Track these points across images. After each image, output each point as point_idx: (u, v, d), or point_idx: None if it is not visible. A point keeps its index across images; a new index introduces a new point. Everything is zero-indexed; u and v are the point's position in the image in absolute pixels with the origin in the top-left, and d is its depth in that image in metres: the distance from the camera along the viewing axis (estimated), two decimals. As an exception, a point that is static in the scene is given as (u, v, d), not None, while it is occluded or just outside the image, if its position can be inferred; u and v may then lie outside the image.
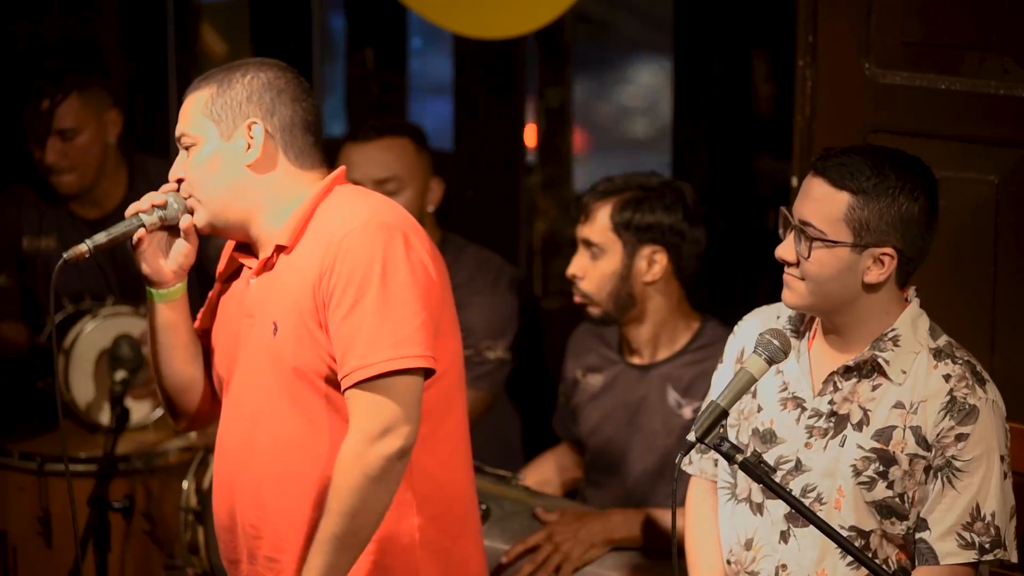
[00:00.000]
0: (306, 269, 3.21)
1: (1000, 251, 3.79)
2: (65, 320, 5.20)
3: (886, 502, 3.25)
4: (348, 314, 3.14)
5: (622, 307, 4.25)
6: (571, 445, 4.57)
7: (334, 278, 3.15)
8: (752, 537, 3.38)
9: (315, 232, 3.24)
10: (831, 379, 3.31)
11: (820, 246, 3.22)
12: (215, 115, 3.26)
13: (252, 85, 3.28)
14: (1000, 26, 3.75)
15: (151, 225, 3.27)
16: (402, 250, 3.16)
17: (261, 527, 3.28)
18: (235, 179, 3.27)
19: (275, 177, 3.29)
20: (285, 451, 3.24)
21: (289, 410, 3.24)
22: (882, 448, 3.24)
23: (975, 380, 3.25)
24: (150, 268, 3.30)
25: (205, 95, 3.28)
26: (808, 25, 3.99)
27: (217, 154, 3.26)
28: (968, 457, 3.21)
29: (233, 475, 3.32)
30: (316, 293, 3.18)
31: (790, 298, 3.30)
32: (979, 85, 3.78)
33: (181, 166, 3.30)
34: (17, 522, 5.08)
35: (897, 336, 3.28)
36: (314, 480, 3.22)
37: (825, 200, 3.22)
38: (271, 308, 3.26)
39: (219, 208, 3.27)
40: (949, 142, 3.81)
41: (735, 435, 3.42)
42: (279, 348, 3.23)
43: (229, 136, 3.26)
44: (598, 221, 4.23)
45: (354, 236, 3.16)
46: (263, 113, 3.27)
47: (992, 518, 3.21)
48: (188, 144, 3.28)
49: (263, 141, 3.26)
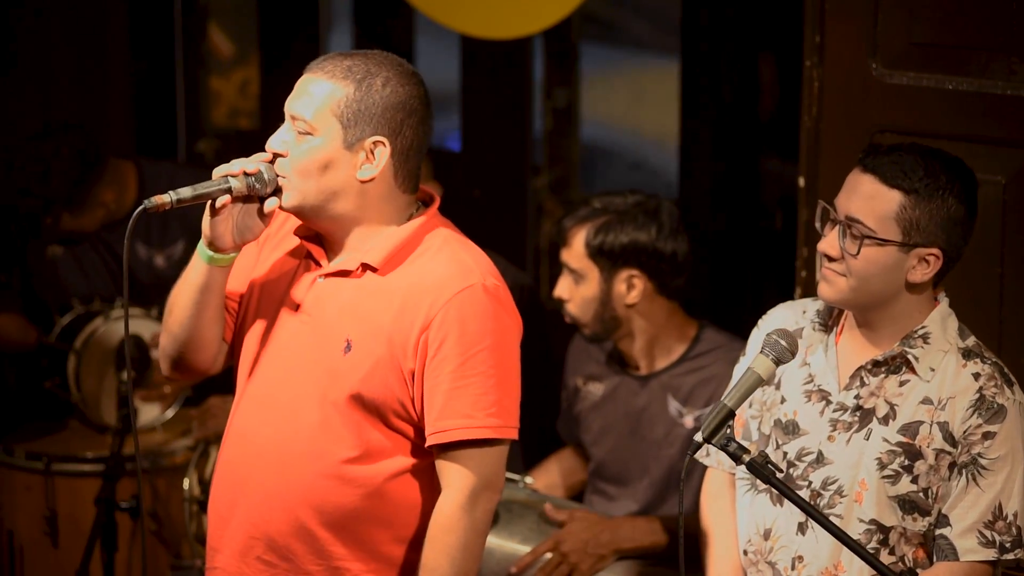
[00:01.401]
0: (405, 307, 3.18)
1: (1007, 251, 3.79)
2: (76, 321, 5.21)
3: (909, 496, 3.25)
4: (455, 373, 3.16)
5: (609, 328, 4.25)
6: (576, 449, 4.56)
7: (443, 332, 3.16)
8: (771, 527, 3.38)
9: (417, 268, 3.21)
10: (858, 374, 3.31)
11: (869, 244, 3.22)
12: (345, 119, 3.17)
13: (389, 100, 3.18)
14: (1007, 26, 3.75)
15: (237, 192, 3.15)
16: (510, 321, 3.23)
17: (266, 529, 3.25)
18: (341, 185, 3.19)
19: (378, 194, 3.22)
20: (319, 466, 3.21)
21: (336, 428, 3.21)
22: (908, 442, 3.25)
23: (1004, 381, 3.27)
24: (215, 231, 3.18)
25: (340, 93, 3.17)
26: (815, 25, 3.98)
27: (332, 156, 3.17)
28: (994, 456, 3.22)
29: (249, 468, 3.27)
30: (420, 339, 3.17)
31: (829, 293, 3.29)
32: (986, 85, 3.78)
33: (283, 143, 3.19)
34: (24, 522, 5.09)
35: (927, 334, 3.29)
36: (339, 497, 3.21)
37: (876, 198, 3.21)
38: (346, 324, 3.21)
39: (313, 202, 3.19)
40: (956, 142, 3.79)
41: (757, 426, 3.42)
42: (346, 368, 3.20)
43: (351, 145, 3.18)
44: (575, 247, 4.23)
45: (470, 297, 3.17)
46: (390, 132, 3.19)
47: (1014, 518, 3.23)
48: (304, 131, 3.17)
49: (383, 164, 3.20)
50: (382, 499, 3.24)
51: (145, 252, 5.34)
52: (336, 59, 3.21)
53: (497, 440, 3.21)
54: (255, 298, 3.34)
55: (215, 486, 3.35)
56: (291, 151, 3.19)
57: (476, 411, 3.17)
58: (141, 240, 5.32)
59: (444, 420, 3.17)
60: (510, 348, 3.24)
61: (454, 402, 3.17)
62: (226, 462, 3.33)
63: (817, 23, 3.98)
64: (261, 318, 3.32)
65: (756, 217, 5.79)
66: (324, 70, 3.19)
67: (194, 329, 3.28)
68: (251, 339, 3.33)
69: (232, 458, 3.31)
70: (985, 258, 3.78)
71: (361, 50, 3.25)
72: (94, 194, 5.17)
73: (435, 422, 3.18)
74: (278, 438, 3.24)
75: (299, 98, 3.19)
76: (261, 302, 3.33)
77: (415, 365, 3.18)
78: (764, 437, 3.40)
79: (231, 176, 3.16)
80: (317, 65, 3.22)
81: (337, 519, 3.22)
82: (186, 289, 3.27)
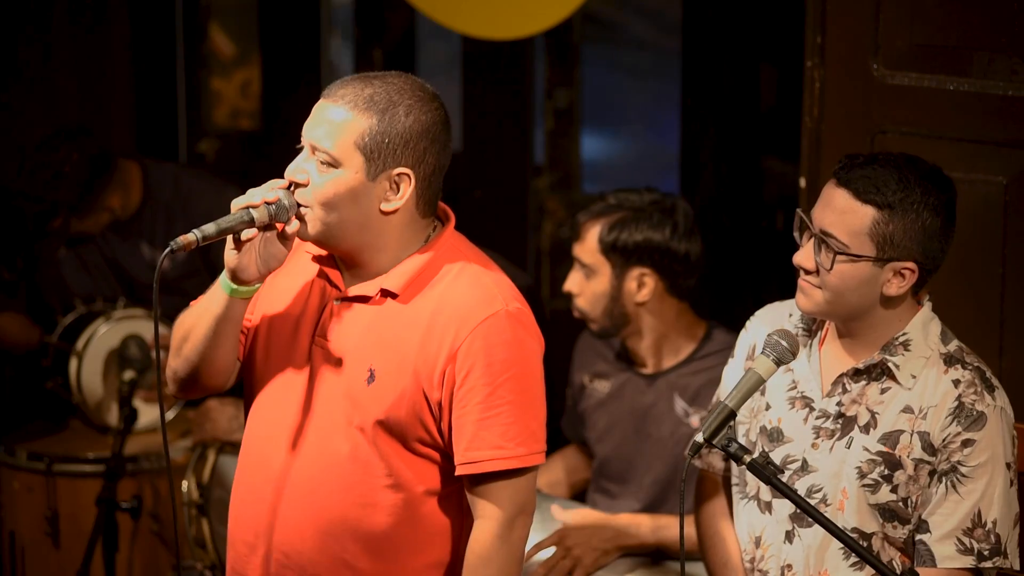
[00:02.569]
0: (430, 336, 3.15)
1: (1008, 252, 3.79)
2: (77, 321, 5.21)
3: (889, 506, 3.24)
4: (483, 403, 3.13)
5: (617, 324, 4.25)
6: (580, 447, 4.56)
7: (470, 362, 3.13)
8: (760, 535, 3.38)
9: (438, 294, 3.18)
10: (840, 381, 3.30)
11: (843, 259, 3.20)
12: (368, 151, 3.10)
13: (412, 129, 3.12)
14: (1008, 27, 3.75)
15: (259, 222, 3.08)
16: (534, 344, 3.21)
17: (298, 560, 3.21)
18: (362, 215, 3.14)
19: (400, 223, 3.18)
20: (353, 495, 3.18)
21: (366, 456, 3.18)
22: (888, 452, 3.24)
23: (984, 387, 3.24)
24: (239, 262, 3.12)
25: (363, 125, 3.10)
26: (816, 26, 3.99)
27: (356, 189, 3.11)
28: (973, 463, 3.20)
29: (277, 497, 3.22)
30: (446, 369, 3.14)
31: (805, 304, 3.28)
32: (987, 86, 3.78)
33: (302, 171, 3.12)
34: (25, 522, 5.09)
35: (908, 340, 3.27)
36: (372, 525, 3.19)
37: (849, 213, 3.19)
38: (368, 352, 3.18)
39: (335, 231, 3.14)
40: (957, 143, 3.80)
41: (744, 432, 3.42)
42: (370, 398, 3.16)
43: (375, 176, 3.11)
44: (588, 242, 4.23)
45: (496, 324, 3.14)
46: (414, 162, 3.14)
47: (993, 525, 3.21)
48: (326, 161, 3.10)
49: (407, 196, 3.16)
50: (415, 525, 3.21)
51: (148, 252, 5.34)
52: (356, 85, 3.14)
53: (529, 468, 3.19)
54: (268, 319, 3.30)
55: (238, 511, 3.30)
56: (312, 180, 3.13)
57: (506, 441, 3.14)
58: (145, 241, 5.32)
59: (474, 451, 3.14)
60: (536, 372, 3.21)
61: (483, 432, 3.14)
62: (248, 488, 3.28)
63: (818, 24, 3.98)
64: (275, 340, 3.28)
65: (757, 217, 5.79)
66: (345, 99, 3.12)
67: (210, 356, 3.23)
68: (265, 361, 3.29)
69: (255, 484, 3.26)
70: (986, 258, 3.78)
71: (379, 73, 3.18)
72: (101, 199, 5.18)
73: (465, 452, 3.15)
74: (307, 467, 3.20)
75: (319, 126, 3.13)
76: (274, 323, 3.29)
77: (441, 395, 3.15)
78: (751, 444, 3.40)
79: (252, 207, 3.10)
80: (336, 91, 3.15)
81: (372, 547, 3.19)
82: (205, 319, 3.21)
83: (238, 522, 3.29)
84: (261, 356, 3.30)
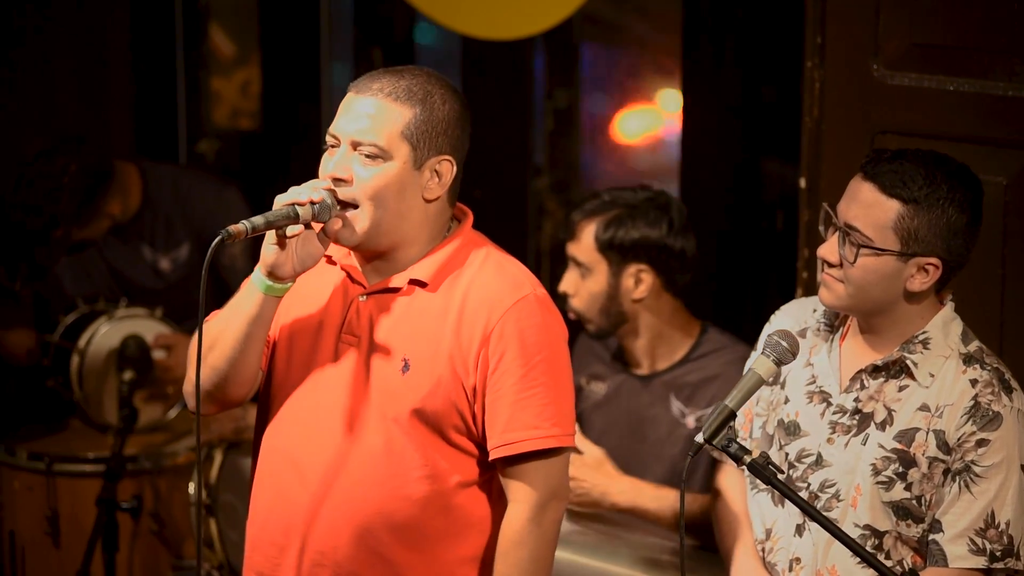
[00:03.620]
0: (462, 323, 3.18)
1: (1008, 253, 3.79)
2: (79, 320, 5.21)
3: (903, 503, 3.25)
4: (518, 385, 3.17)
5: (614, 323, 4.26)
6: (579, 448, 4.57)
7: (503, 345, 3.17)
8: (771, 527, 3.39)
9: (466, 282, 3.21)
10: (859, 377, 3.31)
11: (866, 253, 3.20)
12: (414, 140, 3.15)
13: (450, 117, 3.19)
14: (1009, 28, 3.75)
15: (303, 219, 3.10)
16: (561, 329, 3.26)
17: (334, 557, 3.21)
18: (407, 205, 3.18)
19: (436, 212, 3.23)
20: (389, 488, 3.19)
21: (401, 448, 3.19)
22: (903, 449, 3.24)
23: (1001, 387, 3.25)
24: (277, 260, 3.12)
25: (407, 115, 3.15)
26: (816, 26, 3.99)
27: (403, 178, 3.15)
28: (988, 463, 3.21)
29: (309, 495, 3.21)
30: (480, 353, 3.17)
31: (828, 298, 3.29)
32: (987, 86, 3.78)
33: (345, 168, 3.15)
34: (25, 522, 5.09)
35: (928, 339, 3.28)
36: (409, 517, 3.20)
37: (874, 206, 3.20)
38: (400, 343, 3.20)
39: (381, 227, 3.17)
40: (957, 143, 3.79)
41: (761, 424, 3.42)
42: (406, 388, 3.18)
43: (420, 165, 3.17)
44: (584, 240, 4.23)
45: (527, 307, 3.20)
46: (452, 148, 3.20)
47: (1007, 526, 3.21)
48: (373, 155, 3.14)
49: (449, 182, 3.21)
50: (452, 516, 3.23)
51: (150, 255, 5.34)
52: (388, 78, 3.18)
53: (562, 448, 3.21)
54: (289, 326, 3.30)
55: (263, 512, 3.28)
56: (358, 176, 3.15)
57: (542, 421, 3.18)
58: (147, 243, 5.33)
59: (510, 432, 3.17)
60: (564, 356, 3.26)
61: (519, 414, 3.17)
62: (278, 491, 3.27)
63: (818, 24, 3.99)
64: (298, 342, 3.28)
65: (757, 218, 5.79)
66: (383, 91, 3.16)
67: (239, 362, 3.21)
68: (288, 363, 3.29)
69: (285, 485, 3.25)
70: (987, 259, 3.78)
71: (402, 67, 3.22)
72: (101, 207, 5.18)
73: (501, 435, 3.18)
74: (341, 464, 3.20)
75: (359, 121, 3.15)
76: (295, 329, 3.29)
77: (476, 380, 3.18)
78: (768, 437, 3.41)
79: (298, 205, 3.10)
80: (369, 85, 3.18)
81: (410, 540, 3.20)
82: (236, 321, 3.19)
83: (266, 525, 3.28)
84: (283, 363, 3.29)
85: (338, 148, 3.17)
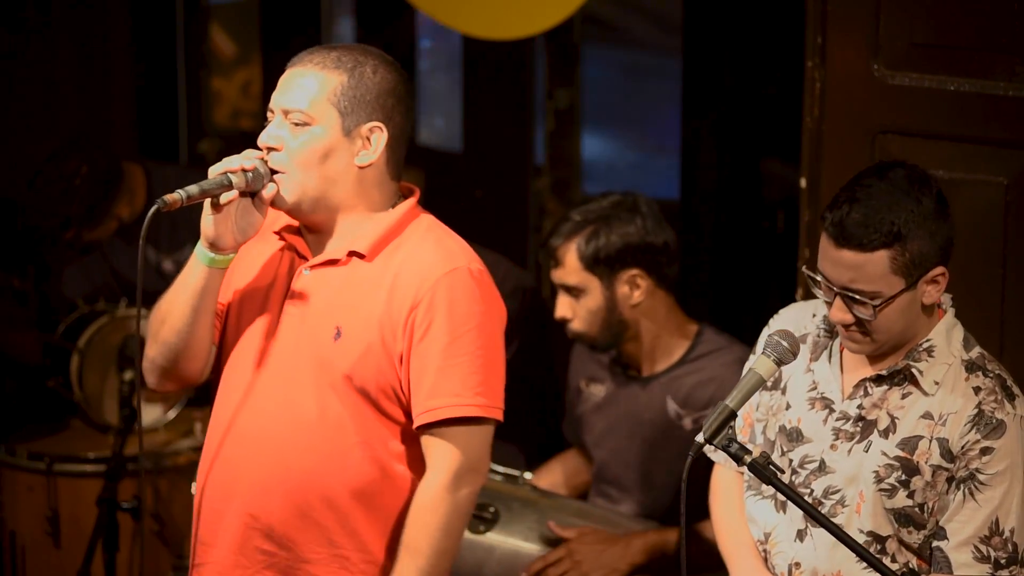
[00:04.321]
0: (394, 291, 3.22)
1: (1009, 253, 3.79)
2: (80, 320, 5.21)
3: (905, 510, 3.24)
4: (444, 352, 3.20)
5: (617, 334, 4.25)
6: (580, 450, 4.56)
7: (431, 313, 3.20)
8: (770, 532, 3.38)
9: (403, 254, 3.26)
10: (863, 384, 3.29)
11: (881, 305, 3.17)
12: (342, 107, 3.21)
13: (381, 85, 3.25)
14: (1009, 27, 3.75)
15: (237, 187, 3.16)
16: (496, 306, 3.28)
17: (267, 520, 3.26)
18: (340, 173, 3.23)
19: (372, 181, 3.27)
20: (321, 453, 3.23)
21: (334, 415, 3.23)
22: (906, 457, 3.23)
23: (1004, 395, 3.23)
24: (216, 231, 3.19)
25: (335, 82, 3.22)
26: (817, 26, 3.98)
27: (332, 144, 3.22)
28: (992, 471, 3.19)
29: (246, 461, 3.27)
30: (408, 320, 3.20)
31: (861, 351, 3.26)
32: (988, 86, 3.78)
33: (276, 137, 3.22)
34: (26, 522, 5.09)
35: (932, 347, 3.26)
36: (341, 484, 3.23)
37: (865, 265, 3.15)
38: (335, 312, 3.24)
39: (313, 193, 3.23)
40: (958, 143, 3.80)
41: (762, 429, 3.42)
42: (337, 355, 3.22)
43: (349, 131, 3.23)
44: (568, 263, 4.23)
45: (457, 278, 3.22)
46: (384, 117, 3.25)
47: (1011, 534, 3.20)
48: (301, 122, 3.21)
49: (382, 149, 3.25)
50: (385, 484, 3.26)
51: (154, 256, 5.35)
52: (321, 51, 3.27)
53: (484, 420, 3.23)
54: (239, 299, 3.36)
55: (206, 482, 3.34)
56: (287, 144, 3.22)
57: (465, 390, 3.21)
58: (150, 244, 5.33)
59: (433, 399, 3.21)
60: (496, 331, 3.27)
61: (443, 381, 3.20)
62: (218, 457, 3.32)
63: (819, 24, 3.98)
64: (247, 317, 3.34)
65: (758, 218, 5.79)
66: (313, 62, 3.24)
67: (191, 336, 3.28)
68: (237, 337, 3.34)
69: (225, 452, 3.31)
70: (987, 259, 3.77)
71: (340, 43, 3.32)
72: (110, 209, 5.20)
73: (424, 401, 3.21)
74: (276, 429, 3.26)
75: (290, 91, 3.24)
76: (245, 302, 3.35)
77: (403, 347, 3.22)
78: (769, 443, 3.40)
79: (230, 172, 3.18)
80: (302, 59, 3.27)
81: (342, 507, 3.24)
82: (184, 296, 3.26)
83: (207, 492, 3.33)
84: (232, 337, 3.35)
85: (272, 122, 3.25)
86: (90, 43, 6.18)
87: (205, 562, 3.33)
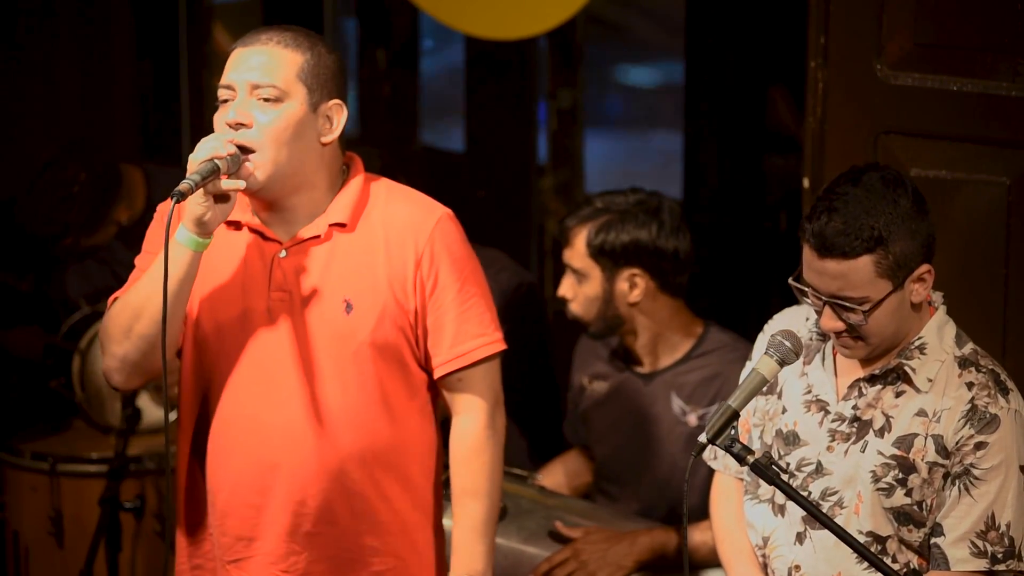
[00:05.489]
0: (390, 251, 3.30)
1: (1011, 253, 3.79)
2: (82, 321, 5.21)
3: (904, 509, 3.24)
4: (458, 298, 3.32)
5: (612, 326, 4.26)
6: (582, 450, 4.56)
7: (436, 264, 3.31)
8: (769, 536, 3.38)
9: (379, 215, 3.32)
10: (857, 385, 3.30)
11: (871, 310, 3.18)
12: (308, 83, 3.25)
13: (335, 65, 3.32)
14: (1012, 28, 3.75)
15: (223, 172, 3.17)
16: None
17: (312, 504, 3.30)
18: (305, 147, 3.26)
19: (331, 157, 3.33)
20: (348, 426, 3.29)
21: (358, 386, 3.29)
22: (902, 455, 3.23)
23: (998, 389, 3.23)
24: (209, 215, 3.17)
25: (299, 60, 3.26)
26: (820, 26, 3.99)
27: (301, 119, 3.24)
28: (986, 466, 3.20)
29: (276, 451, 3.29)
30: (415, 276, 3.30)
31: (855, 355, 3.27)
32: (991, 87, 3.78)
33: (246, 114, 3.22)
34: (29, 522, 5.09)
35: (924, 344, 3.27)
36: (372, 450, 3.30)
37: (849, 273, 3.15)
38: (338, 286, 3.28)
39: (283, 169, 3.24)
40: (960, 144, 3.80)
41: (759, 435, 3.42)
42: (352, 325, 3.28)
43: (315, 107, 3.27)
44: (577, 246, 4.24)
45: (446, 225, 3.35)
46: (341, 93, 3.32)
47: (1007, 528, 3.20)
48: (273, 96, 3.23)
49: (341, 126, 3.30)
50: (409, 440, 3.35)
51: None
52: (274, 31, 3.32)
53: (499, 353, 3.39)
54: (208, 292, 3.34)
55: (231, 479, 3.35)
56: (257, 120, 3.23)
57: (485, 329, 3.36)
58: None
59: (460, 344, 3.33)
60: (480, 264, 3.42)
61: (465, 325, 3.33)
62: (241, 455, 3.33)
63: (822, 24, 3.99)
64: (224, 310, 3.33)
65: (760, 218, 5.79)
66: (274, 41, 3.29)
67: (170, 325, 3.23)
68: (218, 333, 3.34)
69: (250, 449, 3.32)
70: (989, 259, 3.78)
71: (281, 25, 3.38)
72: (109, 215, 5.21)
73: (451, 348, 3.33)
74: (303, 415, 3.28)
75: (255, 69, 3.26)
76: (216, 295, 3.34)
77: (416, 303, 3.31)
78: (766, 447, 3.40)
79: (217, 158, 3.17)
80: (256, 38, 3.31)
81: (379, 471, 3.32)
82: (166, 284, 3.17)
83: (237, 490, 3.35)
84: (211, 334, 3.34)
85: (233, 100, 3.25)
86: (92, 43, 6.18)
87: (248, 556, 3.37)
